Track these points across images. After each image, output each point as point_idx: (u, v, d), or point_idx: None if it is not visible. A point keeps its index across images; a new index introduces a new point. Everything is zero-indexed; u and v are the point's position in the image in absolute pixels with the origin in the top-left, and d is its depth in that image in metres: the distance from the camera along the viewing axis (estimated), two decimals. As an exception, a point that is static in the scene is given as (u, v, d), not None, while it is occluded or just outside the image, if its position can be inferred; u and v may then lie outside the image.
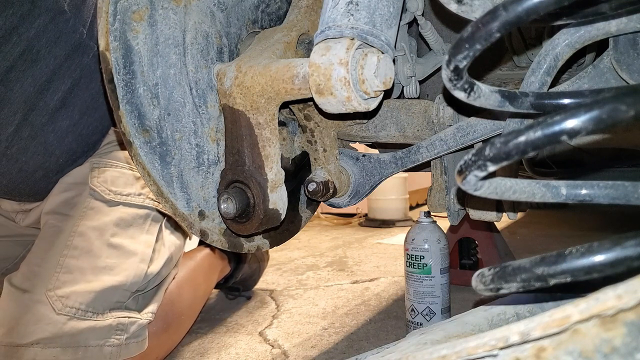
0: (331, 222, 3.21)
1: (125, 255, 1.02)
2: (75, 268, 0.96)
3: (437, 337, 0.41)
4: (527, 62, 0.84)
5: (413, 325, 1.15)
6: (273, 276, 1.86)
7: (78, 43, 1.03)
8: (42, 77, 1.00)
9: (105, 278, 0.97)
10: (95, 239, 1.00)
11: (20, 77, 0.97)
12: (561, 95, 0.49)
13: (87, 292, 0.94)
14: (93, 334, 0.92)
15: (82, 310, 0.92)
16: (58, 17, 0.98)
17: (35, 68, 0.99)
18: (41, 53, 0.98)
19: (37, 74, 0.99)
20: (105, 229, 1.02)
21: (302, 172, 0.82)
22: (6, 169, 1.05)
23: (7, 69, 0.95)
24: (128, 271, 0.99)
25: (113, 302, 0.96)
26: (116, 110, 0.62)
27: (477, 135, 0.71)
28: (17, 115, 1.00)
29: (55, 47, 1.00)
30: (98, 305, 0.94)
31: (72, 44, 1.02)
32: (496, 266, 0.35)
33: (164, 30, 0.65)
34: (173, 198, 0.67)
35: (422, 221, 1.18)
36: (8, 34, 0.93)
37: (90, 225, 1.02)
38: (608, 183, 0.43)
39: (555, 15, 0.52)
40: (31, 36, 0.95)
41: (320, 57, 0.57)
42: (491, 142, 0.33)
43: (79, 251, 0.98)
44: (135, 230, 1.06)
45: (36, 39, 0.96)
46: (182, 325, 1.16)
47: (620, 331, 0.25)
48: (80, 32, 1.03)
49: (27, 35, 0.95)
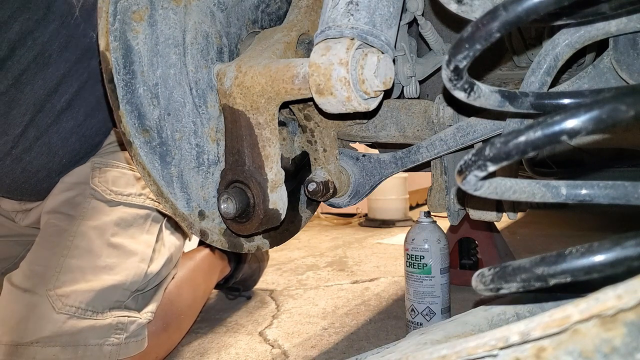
0: (331, 222, 3.21)
1: (126, 255, 1.02)
2: (75, 267, 0.96)
3: (437, 337, 0.41)
4: (527, 62, 0.84)
5: (413, 325, 1.15)
6: (273, 276, 1.86)
7: (88, 47, 1.05)
8: (53, 80, 1.01)
9: (105, 277, 0.97)
10: (95, 238, 1.01)
11: (32, 80, 0.99)
12: (561, 95, 0.49)
13: (87, 291, 0.94)
14: (93, 332, 0.92)
15: (82, 309, 0.92)
16: (69, 22, 1.00)
17: (46, 71, 1.00)
18: (53, 57, 1.00)
19: (47, 77, 1.00)
20: (106, 228, 1.02)
21: (302, 172, 0.82)
22: (10, 169, 1.05)
23: (21, 72, 0.97)
24: (128, 271, 1.00)
25: (113, 301, 0.96)
26: (116, 110, 0.62)
27: (477, 135, 0.70)
28: (25, 117, 1.01)
29: (66, 51, 1.01)
30: (98, 304, 0.94)
31: (82, 48, 1.04)
32: (496, 266, 0.35)
33: (164, 30, 0.65)
34: (173, 198, 0.67)
35: (422, 221, 1.18)
36: (23, 37, 0.94)
37: (91, 224, 1.02)
38: (608, 183, 0.43)
39: (555, 15, 0.52)
40: (45, 40, 0.97)
41: (320, 57, 0.57)
42: (491, 142, 0.33)
43: (79, 251, 0.98)
44: (135, 230, 1.06)
45: (49, 43, 0.98)
46: (181, 325, 1.17)
47: (620, 331, 0.25)
48: (90, 36, 1.04)
49: (42, 39, 0.97)
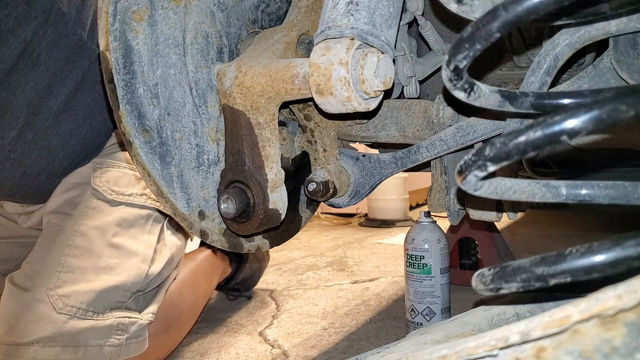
0: (331, 222, 3.21)
1: (127, 255, 1.02)
2: (76, 267, 0.96)
3: (437, 337, 0.41)
4: (527, 62, 0.84)
5: (413, 325, 1.15)
6: (273, 276, 1.86)
7: (78, 45, 1.03)
8: (44, 81, 1.00)
9: (106, 278, 0.97)
10: (96, 238, 1.00)
11: (22, 81, 0.97)
12: (561, 95, 0.49)
13: (88, 291, 0.94)
14: (93, 333, 0.92)
15: (83, 310, 0.92)
16: (56, 19, 0.98)
17: (36, 72, 0.99)
18: (42, 57, 0.98)
19: (38, 77, 0.99)
20: (107, 228, 1.02)
21: (302, 172, 0.82)
22: (10, 172, 1.05)
23: (7, 71, 0.95)
24: (129, 271, 0.99)
25: (114, 302, 0.96)
26: (116, 111, 0.62)
27: (477, 135, 0.70)
28: (20, 120, 1.00)
29: (55, 50, 1.00)
30: (99, 304, 0.94)
31: (72, 46, 1.02)
32: (496, 266, 0.35)
33: (164, 30, 0.65)
34: (173, 198, 0.67)
35: (422, 221, 1.18)
36: (4, 35, 0.92)
37: (92, 224, 1.02)
38: (608, 183, 0.43)
39: (555, 15, 0.52)
40: (28, 38, 0.95)
41: (320, 57, 0.57)
42: (491, 142, 0.33)
43: (80, 250, 0.98)
44: (136, 231, 1.06)
45: (35, 41, 0.96)
46: (182, 326, 1.16)
47: (620, 331, 0.25)
48: (79, 34, 1.03)
49: (24, 37, 0.95)
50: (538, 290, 0.42)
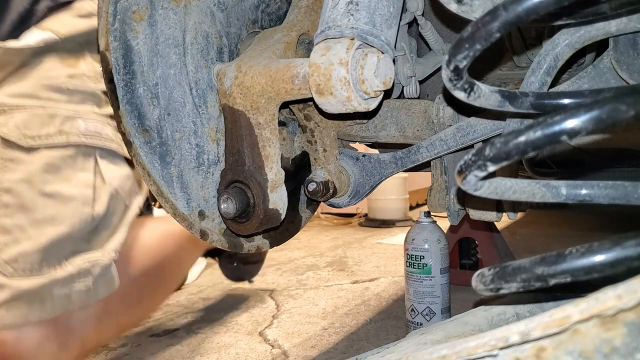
0: (331, 222, 3.21)
1: (63, 201, 0.93)
2: (12, 227, 0.89)
3: (437, 337, 0.41)
4: (527, 62, 0.84)
5: (413, 325, 1.15)
6: (273, 276, 1.86)
7: None
8: None
9: (49, 230, 0.90)
10: (25, 191, 0.92)
11: None
12: (561, 95, 0.49)
13: (35, 251, 0.88)
14: (55, 284, 0.87)
15: (36, 270, 0.87)
16: None
17: None
18: None
19: None
20: (33, 179, 0.92)
21: (302, 172, 0.82)
22: None
23: None
24: (71, 218, 0.92)
25: (66, 252, 0.91)
26: (116, 111, 0.62)
27: (477, 135, 0.70)
28: None
29: None
30: (51, 259, 0.89)
31: None
32: (496, 266, 0.35)
33: (164, 30, 0.65)
34: (173, 198, 0.67)
35: (422, 221, 1.18)
36: None
37: (15, 178, 0.92)
38: (608, 183, 0.43)
39: (555, 15, 0.52)
40: None
41: (320, 57, 0.57)
42: (491, 142, 0.33)
43: (11, 209, 0.90)
44: (67, 173, 0.96)
45: None
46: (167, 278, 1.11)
47: (620, 331, 0.25)
48: None
49: None
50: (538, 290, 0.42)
